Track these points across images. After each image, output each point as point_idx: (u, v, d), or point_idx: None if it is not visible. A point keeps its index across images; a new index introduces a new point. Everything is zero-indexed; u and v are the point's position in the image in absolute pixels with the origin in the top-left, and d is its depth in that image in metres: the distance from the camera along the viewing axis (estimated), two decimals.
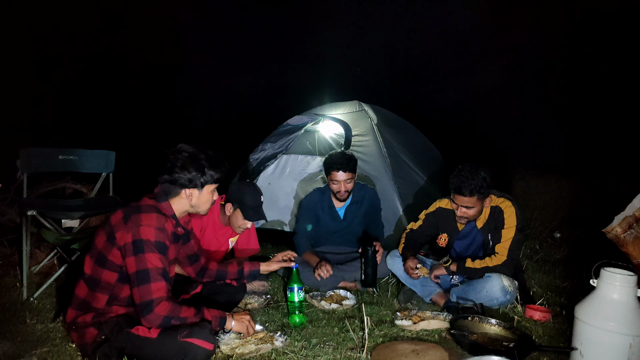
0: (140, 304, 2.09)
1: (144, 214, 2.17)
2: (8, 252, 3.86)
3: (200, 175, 2.26)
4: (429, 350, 2.42)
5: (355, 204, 3.81)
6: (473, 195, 3.00)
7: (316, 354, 2.42)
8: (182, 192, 2.28)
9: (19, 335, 2.55)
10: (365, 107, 4.99)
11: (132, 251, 2.11)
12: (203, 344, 2.07)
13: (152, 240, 2.13)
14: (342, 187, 3.64)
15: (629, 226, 2.80)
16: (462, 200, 3.05)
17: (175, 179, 2.24)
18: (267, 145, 4.66)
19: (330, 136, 4.86)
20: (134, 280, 2.11)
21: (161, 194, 2.30)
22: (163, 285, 2.13)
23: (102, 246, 2.20)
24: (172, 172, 2.24)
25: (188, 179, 2.24)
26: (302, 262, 3.62)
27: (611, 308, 2.14)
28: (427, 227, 3.42)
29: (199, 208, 2.35)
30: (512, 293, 3.02)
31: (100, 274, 2.20)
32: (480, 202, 3.07)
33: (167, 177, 2.25)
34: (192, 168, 2.24)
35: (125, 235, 2.13)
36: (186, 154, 2.26)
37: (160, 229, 2.17)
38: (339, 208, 3.83)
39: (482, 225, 3.18)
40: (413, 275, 3.19)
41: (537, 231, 5.17)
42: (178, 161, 2.24)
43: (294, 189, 4.68)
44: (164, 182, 2.26)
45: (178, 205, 2.31)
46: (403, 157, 4.74)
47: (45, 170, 3.87)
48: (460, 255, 3.34)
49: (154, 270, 2.11)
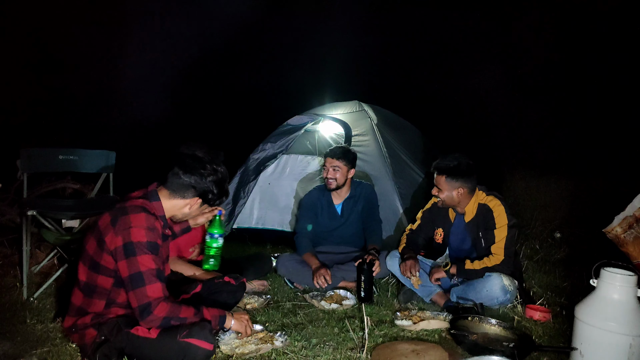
0: (138, 307, 2.07)
1: (132, 215, 2.13)
2: (8, 252, 3.86)
3: (217, 197, 2.32)
4: (429, 350, 2.42)
5: (352, 199, 3.86)
6: (441, 174, 3.11)
7: (316, 354, 2.42)
8: (191, 199, 2.28)
9: (19, 335, 2.54)
10: (365, 107, 5.00)
11: (124, 255, 2.08)
12: (203, 344, 2.07)
13: (143, 241, 2.10)
14: (329, 174, 3.72)
15: (629, 226, 2.80)
16: (435, 179, 3.17)
17: (200, 188, 2.27)
18: (267, 145, 4.66)
19: (330, 136, 4.86)
20: (129, 284, 2.09)
21: (154, 193, 2.28)
22: (159, 287, 2.11)
23: (93, 252, 2.18)
24: (202, 179, 2.26)
25: (210, 193, 2.28)
26: (302, 262, 3.64)
27: (611, 308, 2.14)
28: (425, 224, 3.44)
29: (186, 217, 2.40)
30: (512, 292, 3.02)
31: (96, 280, 2.18)
32: (449, 188, 3.12)
33: (193, 181, 2.25)
34: (217, 188, 2.30)
35: (115, 239, 2.10)
36: (220, 175, 2.30)
37: (150, 228, 2.13)
38: (337, 205, 3.87)
39: (469, 220, 3.20)
40: (405, 274, 3.21)
41: (537, 231, 5.17)
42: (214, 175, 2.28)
43: (294, 189, 4.69)
44: (185, 180, 2.25)
45: (170, 207, 2.29)
46: (403, 157, 4.74)
47: (45, 170, 3.87)
48: (455, 250, 3.35)
49: (148, 272, 2.09)
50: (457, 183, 3.10)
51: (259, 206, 4.79)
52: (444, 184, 3.13)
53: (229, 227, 4.48)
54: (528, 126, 9.84)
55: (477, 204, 3.17)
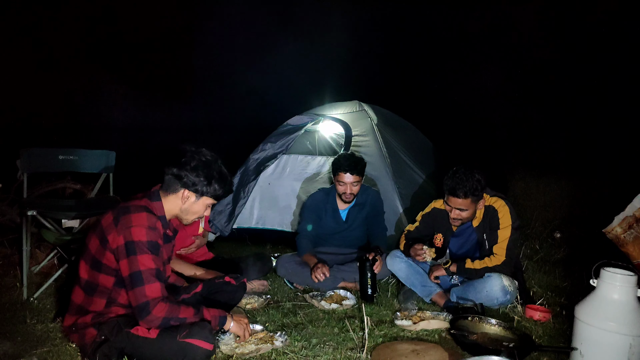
0: (136, 306, 2.08)
1: (134, 214, 2.15)
2: (8, 252, 3.86)
3: (205, 184, 2.25)
4: (429, 350, 2.42)
5: (358, 206, 3.81)
6: (467, 197, 3.00)
7: (316, 354, 2.42)
8: (180, 192, 2.26)
9: (19, 335, 2.55)
10: (365, 107, 4.99)
11: (125, 253, 2.10)
12: (202, 344, 2.07)
13: (144, 241, 2.11)
14: (348, 189, 3.63)
15: (629, 226, 2.80)
16: (455, 202, 3.03)
17: (181, 176, 2.23)
18: (267, 145, 4.66)
19: (330, 136, 4.86)
20: (128, 284, 2.10)
21: (155, 193, 2.29)
22: (157, 287, 2.11)
23: (95, 250, 2.19)
24: (182, 168, 2.22)
25: (192, 181, 2.23)
26: (302, 263, 3.63)
27: (611, 308, 2.14)
28: (424, 228, 3.42)
29: (186, 214, 2.32)
30: (512, 293, 3.02)
31: (97, 278, 2.19)
32: (474, 205, 3.06)
33: (175, 171, 2.23)
34: (202, 173, 2.23)
35: (117, 238, 2.11)
36: (203, 159, 2.26)
37: (151, 227, 2.15)
38: (342, 210, 3.83)
39: (477, 224, 3.19)
40: (420, 257, 3.18)
41: (537, 231, 5.16)
42: (193, 160, 2.23)
43: (294, 188, 4.68)
44: (169, 175, 2.25)
45: (170, 206, 2.29)
46: (403, 157, 4.74)
47: (45, 170, 3.87)
48: (454, 253, 3.34)
49: (147, 272, 2.09)
50: (479, 197, 3.07)
51: (259, 206, 4.78)
52: (469, 205, 3.03)
53: (229, 227, 4.47)
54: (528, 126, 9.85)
55: (483, 207, 3.15)
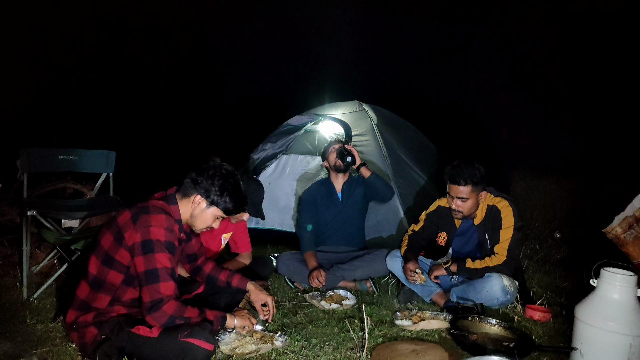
0: (149, 302, 2.11)
1: (153, 215, 2.20)
2: (8, 252, 3.86)
3: (218, 194, 2.30)
4: (429, 350, 2.42)
5: (350, 182, 3.96)
6: (467, 184, 3.01)
7: (316, 354, 2.42)
8: (193, 196, 2.31)
9: (19, 335, 2.55)
10: (365, 107, 4.99)
11: (142, 251, 2.13)
12: (203, 344, 2.08)
13: (162, 240, 2.16)
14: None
15: (629, 226, 2.80)
16: (457, 190, 3.05)
17: (198, 180, 2.30)
18: (267, 145, 4.66)
19: (330, 136, 4.86)
20: (143, 279, 2.14)
21: (172, 196, 2.34)
22: (172, 285, 2.16)
23: (108, 246, 2.21)
24: (200, 173, 2.30)
25: (206, 188, 2.29)
26: (303, 261, 3.65)
27: (611, 308, 2.14)
28: (428, 226, 3.41)
29: (195, 220, 2.37)
30: (513, 293, 3.02)
31: (106, 275, 2.21)
32: (475, 195, 3.07)
33: (194, 175, 2.31)
34: (217, 183, 2.29)
35: (134, 236, 2.15)
36: (223, 171, 2.33)
37: (169, 229, 2.20)
38: (339, 193, 3.96)
39: (478, 222, 3.18)
40: (410, 279, 3.20)
41: (537, 231, 5.17)
42: (212, 169, 2.31)
43: (294, 188, 4.68)
44: (188, 178, 2.33)
45: (182, 210, 2.34)
46: (403, 157, 4.74)
47: (45, 170, 3.87)
48: (457, 252, 3.34)
49: (163, 270, 2.14)
50: (480, 188, 3.08)
51: None
52: (470, 194, 3.04)
53: None
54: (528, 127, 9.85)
55: (485, 206, 3.15)
